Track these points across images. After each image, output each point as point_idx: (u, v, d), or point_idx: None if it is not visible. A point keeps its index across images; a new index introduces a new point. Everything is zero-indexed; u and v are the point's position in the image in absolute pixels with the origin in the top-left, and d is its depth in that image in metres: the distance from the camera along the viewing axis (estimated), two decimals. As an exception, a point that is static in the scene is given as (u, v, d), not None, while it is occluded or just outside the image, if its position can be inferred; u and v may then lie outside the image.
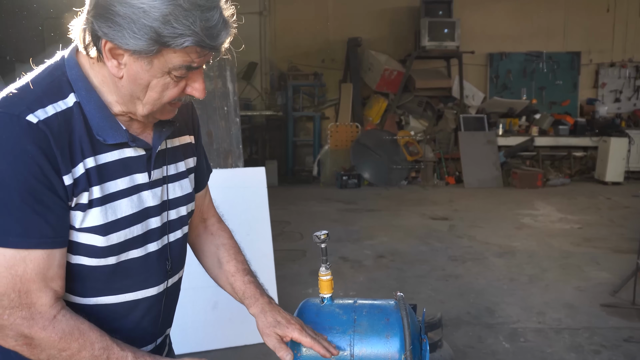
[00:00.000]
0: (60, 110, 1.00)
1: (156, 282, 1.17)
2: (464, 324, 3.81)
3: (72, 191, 1.00)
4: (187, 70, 1.01)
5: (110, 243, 1.05)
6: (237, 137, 3.60)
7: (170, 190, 1.19)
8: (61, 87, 1.03)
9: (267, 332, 1.24)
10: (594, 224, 6.63)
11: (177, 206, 1.21)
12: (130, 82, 1.01)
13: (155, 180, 1.14)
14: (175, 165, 1.22)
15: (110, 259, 1.07)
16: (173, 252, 1.21)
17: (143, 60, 0.97)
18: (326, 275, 1.33)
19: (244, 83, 10.27)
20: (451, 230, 6.40)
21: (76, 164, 1.01)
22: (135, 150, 1.10)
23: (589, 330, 3.70)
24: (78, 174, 1.01)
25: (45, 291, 0.98)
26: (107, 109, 1.05)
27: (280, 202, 7.54)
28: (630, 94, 10.93)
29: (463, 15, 10.17)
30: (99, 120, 1.04)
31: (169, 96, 1.04)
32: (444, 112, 10.14)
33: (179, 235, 1.23)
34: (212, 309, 3.28)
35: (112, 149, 1.06)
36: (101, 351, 1.00)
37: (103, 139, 1.04)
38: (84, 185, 1.02)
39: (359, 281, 4.70)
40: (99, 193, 1.04)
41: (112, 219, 1.05)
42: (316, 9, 10.75)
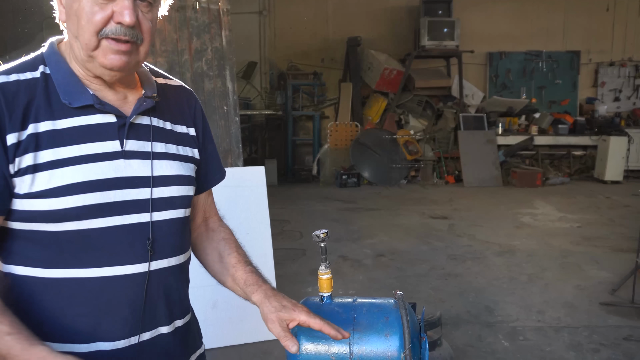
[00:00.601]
0: (24, 79, 1.04)
1: (132, 260, 1.10)
2: (463, 323, 3.82)
3: (13, 152, 1.00)
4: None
5: (65, 206, 1.02)
6: (236, 137, 3.60)
7: (157, 166, 1.14)
8: (34, 63, 1.08)
9: (271, 317, 1.16)
10: (594, 223, 6.63)
11: (167, 184, 1.16)
12: (68, 20, 1.06)
13: (132, 151, 1.11)
14: (166, 146, 1.18)
15: (69, 224, 1.03)
16: (158, 232, 1.14)
17: None
18: (326, 274, 1.33)
19: (243, 82, 10.27)
20: (451, 229, 6.41)
21: (26, 126, 1.02)
22: (103, 116, 1.09)
23: (589, 329, 3.71)
24: (25, 136, 1.01)
25: None
26: (75, 76, 1.09)
27: (280, 201, 7.54)
28: (629, 93, 10.94)
29: (463, 15, 10.18)
30: (66, 86, 1.07)
31: (96, 22, 1.01)
32: (444, 112, 10.15)
33: (167, 216, 1.16)
34: (211, 308, 3.28)
35: (77, 114, 1.06)
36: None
37: (69, 102, 1.06)
38: (29, 148, 1.01)
39: (359, 280, 4.70)
40: (52, 156, 1.02)
41: (69, 182, 1.03)
42: (316, 9, 10.75)
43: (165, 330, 1.18)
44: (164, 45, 3.48)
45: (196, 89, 3.54)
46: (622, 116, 10.43)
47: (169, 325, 1.19)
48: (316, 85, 10.48)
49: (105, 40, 1.03)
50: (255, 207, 3.51)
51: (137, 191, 1.11)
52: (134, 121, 1.12)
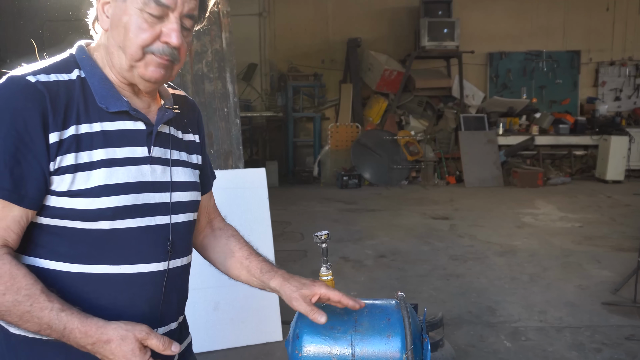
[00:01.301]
0: (62, 80, 1.09)
1: (154, 259, 1.17)
2: (465, 323, 3.81)
3: (55, 150, 1.05)
4: (156, 5, 1.07)
5: (102, 206, 1.08)
6: (237, 138, 3.61)
7: (175, 173, 1.22)
8: (68, 65, 1.13)
9: (294, 296, 1.22)
10: (595, 223, 6.63)
11: (182, 190, 1.24)
12: (112, 29, 1.10)
13: (156, 157, 1.18)
14: (179, 154, 1.26)
15: (103, 223, 1.09)
16: (175, 234, 1.21)
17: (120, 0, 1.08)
18: (327, 275, 1.33)
19: (244, 84, 10.28)
20: (452, 229, 6.41)
21: (68, 126, 1.06)
22: (134, 124, 1.15)
23: (591, 329, 3.70)
24: (66, 136, 1.06)
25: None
26: (110, 82, 1.14)
27: (281, 203, 7.54)
28: (630, 93, 10.93)
29: (462, 15, 10.18)
30: (102, 91, 1.12)
31: (143, 38, 1.08)
32: (444, 112, 10.15)
33: (183, 219, 1.24)
34: (213, 309, 3.28)
35: (112, 119, 1.12)
36: (25, 298, 1.00)
37: (105, 106, 1.11)
38: (71, 148, 1.06)
39: (360, 281, 4.70)
40: (91, 157, 1.08)
41: (105, 182, 1.08)
42: (316, 10, 10.75)
43: (174, 325, 1.26)
44: (164, 47, 3.48)
45: (197, 91, 3.54)
46: (622, 115, 10.42)
47: (177, 321, 1.28)
48: (316, 87, 10.49)
49: (149, 55, 1.10)
50: (256, 209, 3.51)
51: (160, 195, 1.19)
52: (159, 130, 1.20)
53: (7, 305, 1.00)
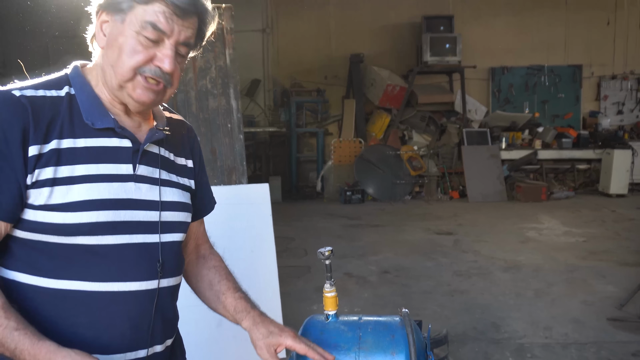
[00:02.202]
0: (49, 95, 1.11)
1: (139, 277, 1.15)
2: (470, 340, 3.78)
3: (34, 164, 1.05)
4: (154, 30, 1.09)
5: (77, 221, 1.07)
6: (240, 154, 3.62)
7: (164, 192, 1.22)
8: (59, 83, 1.15)
9: (259, 344, 1.24)
10: (599, 237, 6.60)
11: (172, 209, 1.24)
12: (108, 47, 1.12)
13: (142, 175, 1.18)
14: (169, 174, 1.26)
15: (81, 238, 1.08)
16: (166, 254, 1.21)
17: (118, 19, 1.10)
18: (331, 291, 1.33)
19: (247, 100, 10.33)
20: (456, 245, 6.38)
21: (49, 140, 1.07)
22: (120, 141, 1.16)
23: (596, 345, 3.67)
24: (46, 150, 1.07)
25: None
26: (99, 99, 1.16)
27: (284, 218, 7.53)
28: (632, 106, 10.94)
29: (464, 31, 10.25)
30: (90, 107, 1.14)
31: (136, 60, 1.10)
32: (447, 127, 10.17)
33: (171, 238, 1.23)
34: (216, 326, 3.27)
35: (98, 135, 1.13)
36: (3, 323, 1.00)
37: (91, 122, 1.13)
38: (50, 161, 1.07)
39: (364, 297, 4.68)
40: (71, 172, 1.08)
41: (84, 198, 1.08)
42: (318, 26, 10.84)
43: (159, 348, 1.22)
44: (168, 64, 3.50)
45: (200, 107, 3.56)
46: (625, 129, 10.42)
47: (162, 344, 1.24)
48: (319, 102, 10.53)
49: (139, 76, 1.12)
50: (259, 225, 3.50)
51: (145, 213, 1.18)
52: (146, 148, 1.20)
53: None
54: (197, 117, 3.55)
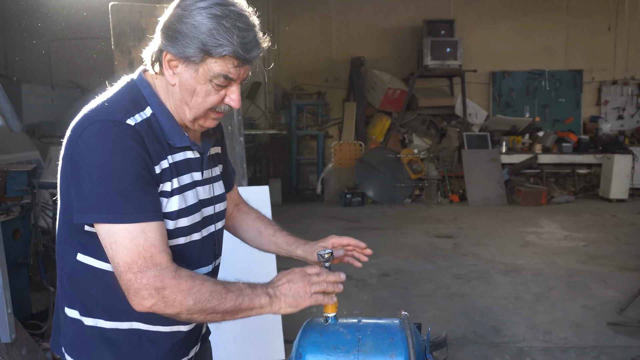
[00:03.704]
0: (145, 119, 1.26)
1: (208, 262, 1.42)
2: (469, 343, 3.78)
3: (159, 179, 1.25)
4: (225, 79, 1.25)
5: (181, 225, 1.29)
6: (241, 156, 3.62)
7: (215, 188, 1.46)
8: (139, 102, 1.28)
9: (312, 257, 1.58)
10: (600, 242, 6.59)
11: (220, 201, 1.48)
12: (181, 88, 1.27)
13: (206, 178, 1.41)
14: (217, 168, 1.51)
15: (180, 239, 1.31)
16: (219, 238, 1.48)
17: (191, 68, 1.24)
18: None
19: (248, 102, 10.34)
20: (456, 248, 6.38)
21: (162, 158, 1.26)
22: (194, 153, 1.36)
23: (596, 349, 3.66)
24: (164, 167, 1.26)
25: (163, 253, 1.19)
26: (174, 119, 1.32)
27: (284, 221, 7.49)
28: (633, 111, 10.95)
29: (465, 35, 10.26)
30: (169, 128, 1.30)
31: (211, 102, 1.27)
32: (447, 130, 10.17)
33: (221, 225, 1.50)
34: (215, 327, 3.26)
35: (179, 151, 1.32)
36: (216, 283, 1.22)
37: (173, 142, 1.30)
38: (168, 176, 1.26)
39: (364, 300, 4.68)
40: (177, 184, 1.29)
41: (184, 205, 1.30)
42: (319, 29, 10.86)
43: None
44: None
45: (201, 110, 3.56)
46: (626, 134, 10.41)
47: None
48: (320, 105, 10.54)
49: (212, 112, 1.31)
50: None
51: (209, 209, 1.42)
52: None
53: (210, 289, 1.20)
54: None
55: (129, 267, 1.16)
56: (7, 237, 3.48)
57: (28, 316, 3.68)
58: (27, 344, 2.47)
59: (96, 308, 1.29)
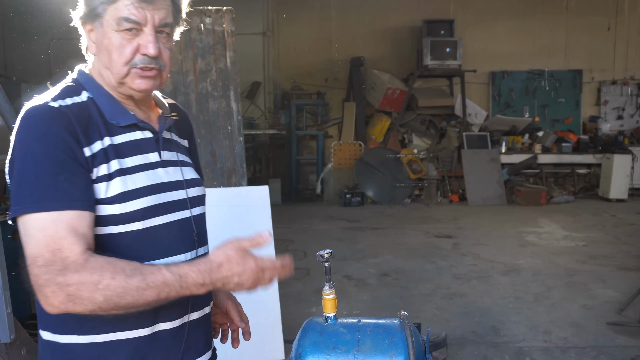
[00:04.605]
0: (77, 102, 1.19)
1: (184, 249, 1.28)
2: (469, 343, 3.78)
3: (91, 162, 1.15)
4: (128, 22, 1.16)
5: (133, 209, 1.18)
6: (240, 156, 3.62)
7: (184, 172, 1.36)
8: (75, 89, 1.23)
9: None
10: (599, 242, 6.60)
11: (194, 186, 1.37)
12: (99, 53, 1.22)
13: (167, 160, 1.31)
14: (183, 156, 1.40)
15: (136, 224, 1.19)
16: (197, 225, 1.35)
17: (98, 24, 1.19)
18: (330, 294, 1.33)
19: (247, 102, 10.34)
20: (455, 248, 6.38)
21: (94, 141, 1.17)
22: (143, 133, 1.28)
23: (596, 349, 3.67)
24: (96, 150, 1.17)
25: (77, 244, 1.07)
26: (115, 99, 1.25)
27: (284, 221, 7.53)
28: (632, 111, 10.95)
29: (465, 35, 10.26)
30: (110, 108, 1.23)
31: (125, 55, 1.19)
32: (447, 130, 10.17)
33: (199, 211, 1.38)
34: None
35: (124, 132, 1.24)
36: (133, 271, 1.07)
37: (116, 122, 1.22)
38: (102, 159, 1.17)
39: (363, 300, 4.68)
40: (118, 165, 1.19)
41: (131, 187, 1.19)
42: (319, 29, 10.86)
43: (207, 310, 1.37)
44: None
45: (201, 109, 3.56)
46: (625, 134, 10.42)
47: (209, 305, 1.39)
48: (320, 105, 10.54)
49: (133, 69, 1.21)
50: (259, 227, 3.50)
51: (177, 193, 1.31)
52: (163, 136, 1.33)
53: (122, 285, 1.05)
54: (198, 119, 3.55)
55: (34, 260, 1.05)
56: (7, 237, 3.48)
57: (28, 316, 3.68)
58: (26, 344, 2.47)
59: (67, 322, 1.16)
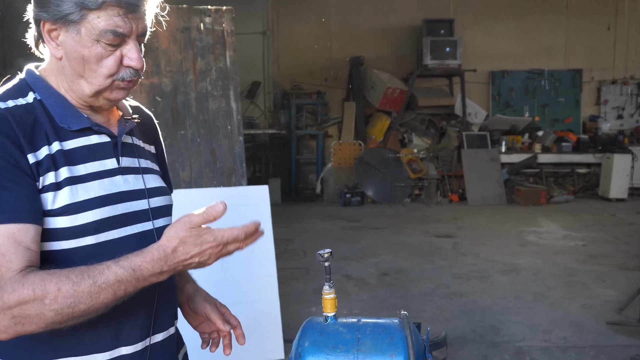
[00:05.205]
0: (21, 104, 1.07)
1: None
2: (469, 343, 3.78)
3: (36, 170, 1.03)
4: (114, 35, 1.05)
5: (85, 221, 1.06)
6: (240, 156, 3.62)
7: (147, 180, 1.23)
8: (21, 89, 1.11)
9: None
10: (599, 241, 6.60)
11: (157, 195, 1.25)
12: (69, 59, 1.08)
13: (126, 167, 1.19)
14: (146, 162, 1.27)
15: (88, 238, 1.07)
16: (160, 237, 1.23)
17: (72, 31, 1.05)
18: (330, 293, 1.32)
19: (247, 102, 10.33)
20: (455, 247, 6.38)
21: (39, 147, 1.05)
22: (99, 137, 1.15)
23: (596, 349, 3.67)
24: (42, 156, 1.04)
25: (16, 261, 0.96)
26: (67, 101, 1.12)
27: (284, 220, 7.53)
28: (632, 111, 10.95)
29: (464, 34, 10.26)
30: (61, 110, 1.10)
31: (107, 67, 1.08)
32: (447, 130, 10.17)
33: (163, 223, 1.25)
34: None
35: (77, 136, 1.12)
36: (79, 277, 0.97)
37: (67, 126, 1.10)
38: (49, 166, 1.05)
39: (363, 299, 4.68)
40: (68, 173, 1.07)
41: (83, 198, 1.07)
42: (319, 29, 10.85)
43: (172, 330, 1.27)
44: (169, 65, 3.51)
45: (200, 109, 3.56)
46: (625, 134, 10.42)
47: (174, 325, 1.29)
48: (319, 105, 10.53)
49: (117, 81, 1.11)
50: (259, 226, 3.50)
51: (137, 203, 1.19)
52: (123, 140, 1.20)
53: (71, 294, 0.96)
54: (197, 118, 3.55)
55: None
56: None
57: None
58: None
59: (19, 347, 1.06)
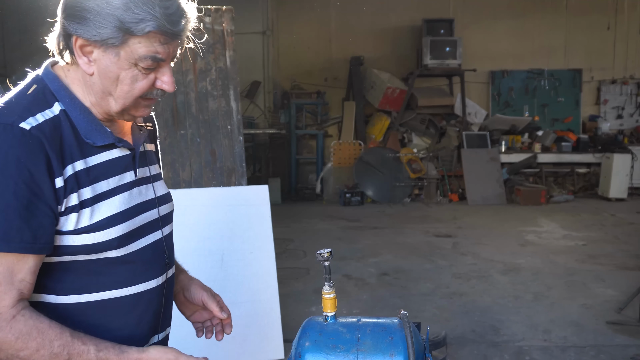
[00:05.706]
0: (49, 118, 1.04)
1: (157, 274, 1.21)
2: (468, 342, 3.78)
3: (62, 194, 1.03)
4: (153, 61, 1.06)
5: (105, 239, 1.08)
6: (240, 155, 3.62)
7: (156, 188, 1.26)
8: (45, 98, 1.08)
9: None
10: (599, 241, 6.60)
11: (164, 203, 1.28)
12: (101, 77, 1.07)
13: (141, 178, 1.21)
14: (154, 167, 1.30)
15: (111, 252, 1.10)
16: (168, 244, 1.27)
17: (111, 52, 1.04)
18: (330, 293, 1.32)
19: (247, 101, 10.33)
20: (455, 247, 6.38)
21: (66, 166, 1.04)
22: (121, 151, 1.15)
23: (595, 348, 3.67)
24: (67, 176, 1.04)
25: (9, 293, 0.97)
26: (92, 114, 1.11)
27: (284, 220, 7.53)
28: (632, 111, 10.96)
29: (464, 34, 10.26)
30: (86, 124, 1.09)
31: (139, 88, 1.09)
32: (447, 130, 10.17)
33: (168, 230, 1.29)
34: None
35: (100, 151, 1.11)
36: (60, 348, 0.99)
37: (92, 141, 1.09)
38: (73, 187, 1.05)
39: (363, 299, 4.68)
40: (90, 193, 1.08)
41: (105, 215, 1.09)
42: (319, 28, 10.85)
43: (169, 330, 1.34)
44: (169, 65, 3.51)
45: (200, 109, 3.56)
46: (625, 133, 10.42)
47: (170, 325, 1.35)
48: (319, 104, 10.54)
49: (143, 100, 1.12)
50: (258, 226, 3.50)
51: (150, 213, 1.22)
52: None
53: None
54: (197, 118, 3.55)
55: None
56: None
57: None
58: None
59: None
